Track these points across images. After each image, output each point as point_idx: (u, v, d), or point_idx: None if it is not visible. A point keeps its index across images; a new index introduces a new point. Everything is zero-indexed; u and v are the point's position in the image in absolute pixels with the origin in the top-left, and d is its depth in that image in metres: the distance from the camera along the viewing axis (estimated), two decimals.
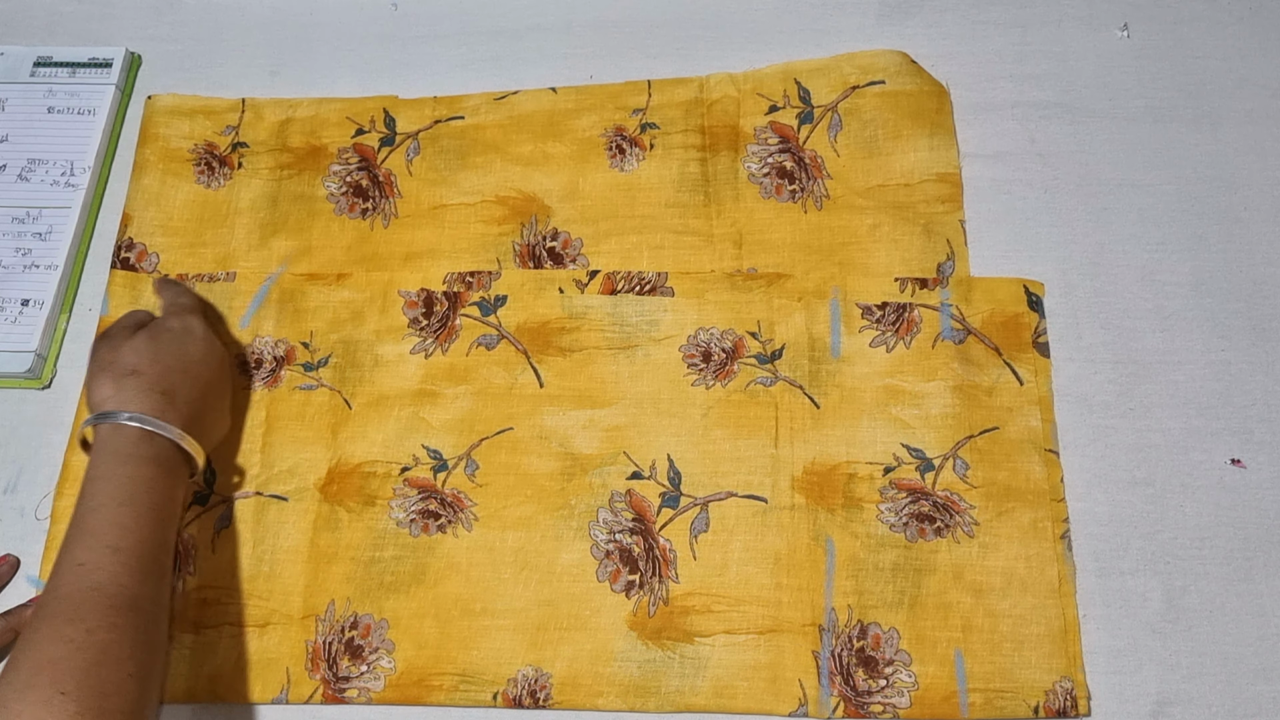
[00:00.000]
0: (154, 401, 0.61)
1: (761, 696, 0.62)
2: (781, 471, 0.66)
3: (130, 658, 0.52)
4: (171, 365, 0.62)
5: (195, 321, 0.66)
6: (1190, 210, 0.73)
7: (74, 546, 0.56)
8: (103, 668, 0.51)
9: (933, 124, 0.75)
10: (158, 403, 0.61)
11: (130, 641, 0.53)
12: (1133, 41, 0.78)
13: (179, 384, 0.62)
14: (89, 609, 0.53)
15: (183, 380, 0.62)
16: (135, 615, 0.54)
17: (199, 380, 0.64)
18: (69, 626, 0.52)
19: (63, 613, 0.53)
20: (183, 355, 0.63)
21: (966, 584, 0.63)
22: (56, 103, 0.80)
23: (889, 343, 0.69)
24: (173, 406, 0.61)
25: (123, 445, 0.59)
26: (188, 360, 0.63)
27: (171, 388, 0.62)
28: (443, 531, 0.66)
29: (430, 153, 0.77)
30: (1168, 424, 0.67)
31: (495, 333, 0.71)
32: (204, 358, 0.65)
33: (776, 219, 0.73)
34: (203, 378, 0.64)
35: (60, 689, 0.49)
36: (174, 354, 0.63)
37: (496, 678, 0.63)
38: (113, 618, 0.53)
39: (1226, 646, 0.62)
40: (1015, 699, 0.61)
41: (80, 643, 0.51)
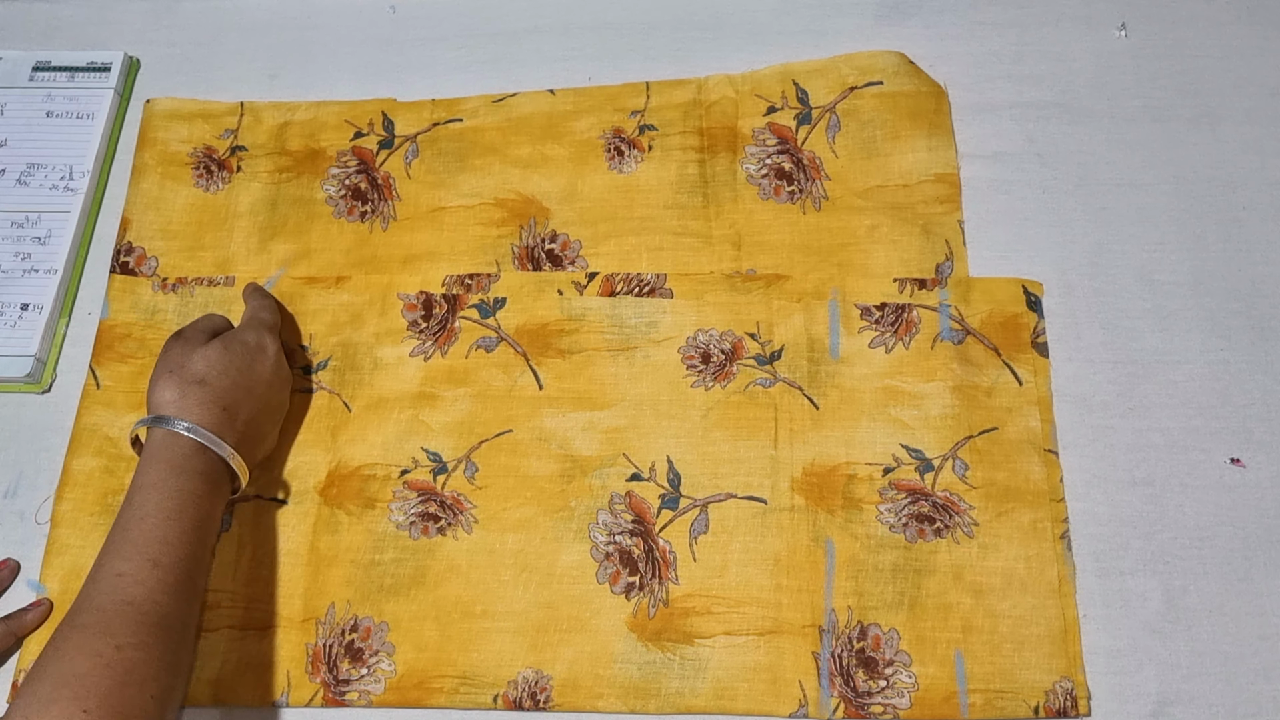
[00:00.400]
0: (214, 415, 0.60)
1: (762, 698, 0.62)
2: (781, 473, 0.66)
3: (155, 679, 0.52)
4: (238, 381, 0.62)
5: (270, 340, 0.66)
6: (1189, 210, 0.73)
7: (115, 555, 0.55)
8: (128, 688, 0.50)
9: (931, 124, 0.75)
10: (218, 417, 0.60)
11: (158, 661, 0.52)
12: (1131, 41, 0.78)
13: (241, 401, 0.62)
14: (121, 624, 0.52)
15: (245, 398, 0.62)
16: (165, 634, 0.54)
17: (260, 400, 0.63)
18: (99, 640, 0.51)
19: (94, 625, 0.52)
20: (250, 373, 0.63)
21: (966, 584, 0.63)
22: (55, 107, 0.80)
23: (888, 343, 0.69)
24: (231, 423, 0.61)
25: (176, 455, 0.59)
26: (254, 379, 0.63)
27: (234, 404, 0.61)
28: (442, 534, 0.66)
29: (429, 155, 0.77)
30: (1167, 424, 0.67)
31: (494, 335, 0.71)
32: (270, 379, 0.64)
33: (775, 220, 0.73)
34: (264, 398, 0.64)
35: (83, 706, 0.49)
36: (242, 370, 0.63)
37: (497, 680, 0.63)
38: (143, 635, 0.52)
39: (1226, 646, 0.62)
40: (1015, 699, 0.61)
41: (109, 659, 0.51)
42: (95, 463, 0.69)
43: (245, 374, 0.63)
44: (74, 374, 0.72)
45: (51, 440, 0.70)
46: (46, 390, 0.72)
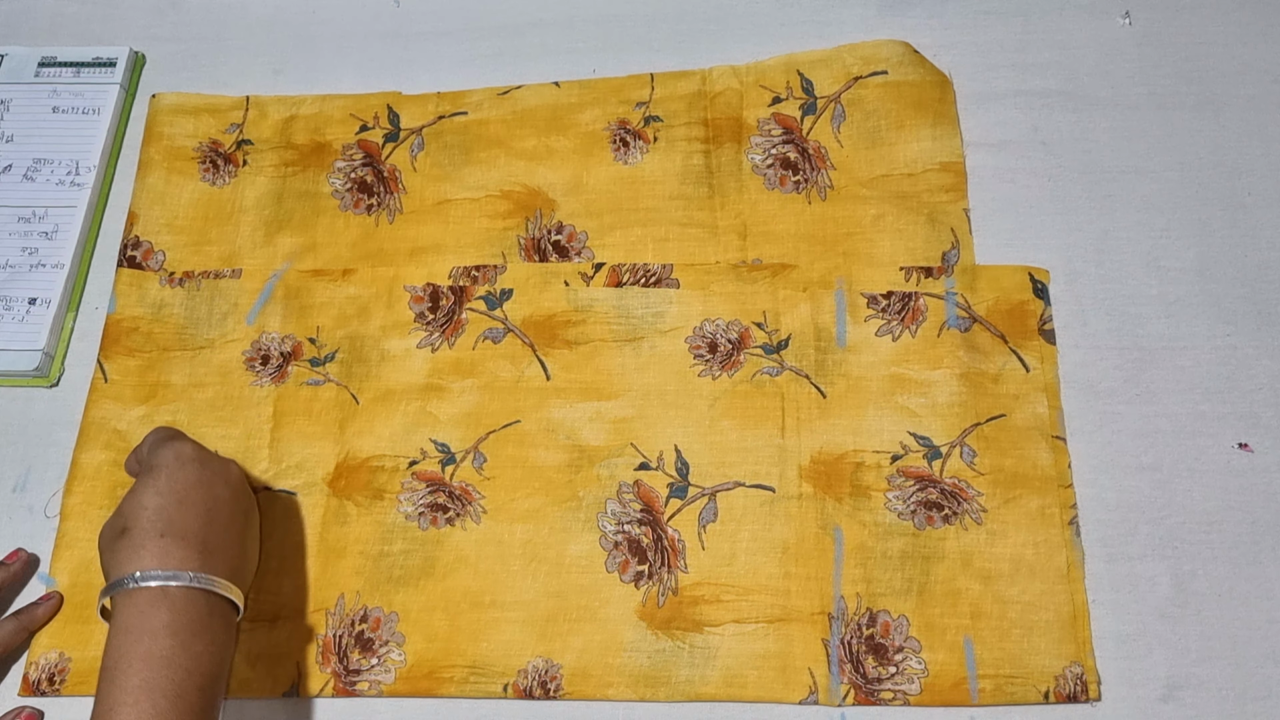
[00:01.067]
0: (153, 553, 0.54)
1: (771, 685, 0.62)
2: (789, 461, 0.66)
3: None
4: (161, 504, 0.56)
5: (167, 453, 0.59)
6: (1194, 196, 0.73)
7: None
8: None
9: (936, 113, 0.75)
10: (158, 551, 0.54)
11: None
12: (1135, 29, 0.78)
13: (183, 519, 0.56)
14: None
15: (184, 513, 0.56)
16: None
17: (196, 507, 0.57)
18: None
19: None
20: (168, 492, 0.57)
21: (975, 571, 0.63)
22: (61, 103, 0.80)
23: (895, 332, 0.69)
24: (179, 547, 0.54)
25: (131, 618, 0.52)
26: (179, 490, 0.57)
27: (172, 527, 0.55)
28: (451, 525, 0.66)
29: (434, 148, 0.77)
30: (1174, 409, 0.67)
31: (501, 326, 0.71)
32: (195, 482, 0.58)
33: (781, 210, 0.73)
34: (203, 502, 0.57)
35: None
36: (160, 493, 0.56)
37: (507, 669, 0.63)
38: None
39: (1236, 630, 0.62)
40: (1025, 685, 0.61)
41: None
42: (104, 456, 0.69)
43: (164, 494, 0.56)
44: (82, 368, 0.72)
45: (60, 434, 0.70)
46: (55, 384, 0.72)
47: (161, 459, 0.58)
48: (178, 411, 0.70)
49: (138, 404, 0.70)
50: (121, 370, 0.71)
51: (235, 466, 0.62)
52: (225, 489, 0.59)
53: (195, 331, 0.72)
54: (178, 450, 0.59)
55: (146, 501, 0.56)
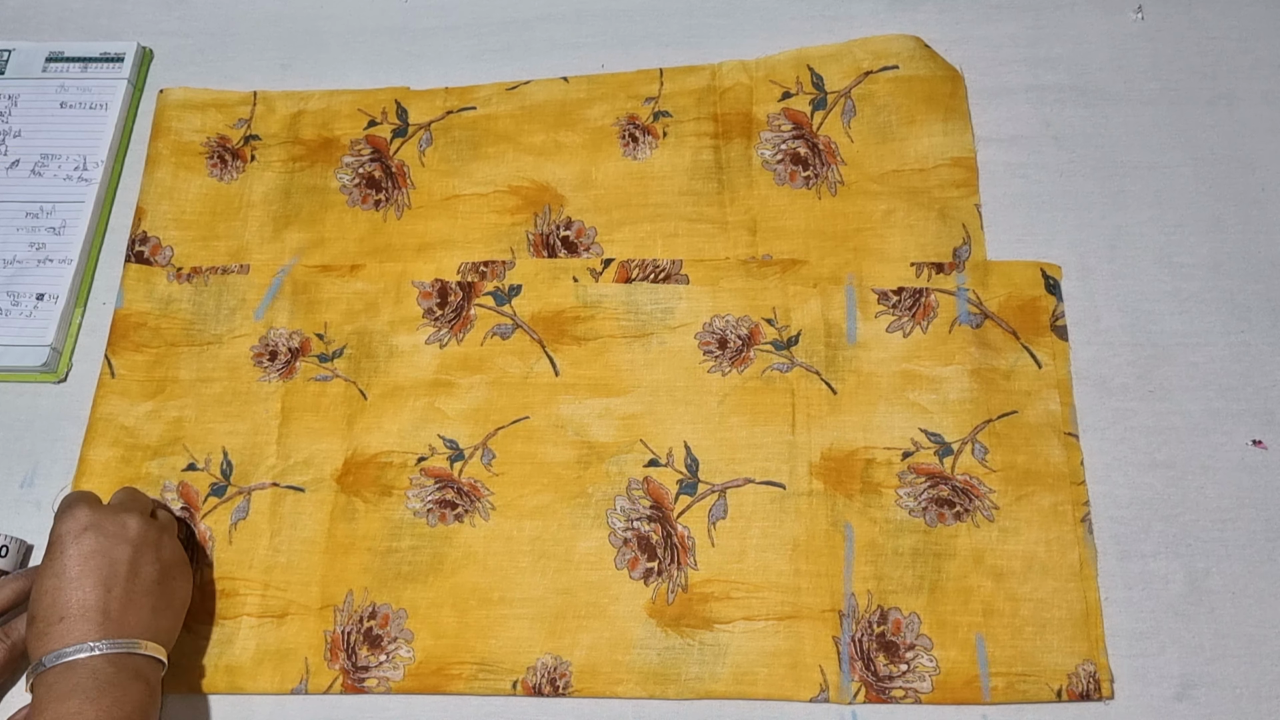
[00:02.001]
0: (57, 634, 0.55)
1: (782, 683, 0.61)
2: (799, 458, 0.66)
3: None
4: (57, 586, 0.57)
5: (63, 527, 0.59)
6: (1208, 192, 0.72)
7: None
8: None
9: (947, 108, 0.74)
10: (61, 632, 0.55)
11: None
12: (1147, 23, 0.78)
13: (79, 597, 0.56)
14: None
15: (82, 589, 0.56)
16: None
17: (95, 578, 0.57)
18: None
19: None
20: (62, 572, 0.57)
21: (987, 568, 0.63)
22: (69, 98, 0.80)
23: (905, 328, 0.69)
24: (80, 624, 0.55)
25: (42, 694, 0.54)
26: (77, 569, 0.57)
27: (70, 608, 0.56)
28: (460, 521, 0.66)
29: (442, 143, 0.77)
30: (1188, 406, 0.67)
31: (510, 322, 0.71)
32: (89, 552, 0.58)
33: (791, 205, 0.73)
34: (99, 571, 0.57)
35: None
36: (57, 574, 0.57)
37: (516, 666, 0.62)
38: None
39: (1250, 628, 0.61)
40: (1038, 683, 0.60)
41: None
42: (111, 452, 0.68)
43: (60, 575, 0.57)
44: (89, 363, 0.72)
45: (67, 430, 0.70)
46: (62, 380, 0.72)
47: (58, 534, 0.59)
48: (185, 407, 0.70)
49: (145, 399, 0.70)
50: (129, 366, 0.71)
51: (133, 519, 0.60)
52: (124, 548, 0.59)
53: (203, 327, 0.72)
54: (73, 521, 0.59)
55: (45, 586, 0.57)
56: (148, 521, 0.61)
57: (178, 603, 0.61)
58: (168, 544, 0.61)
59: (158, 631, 0.58)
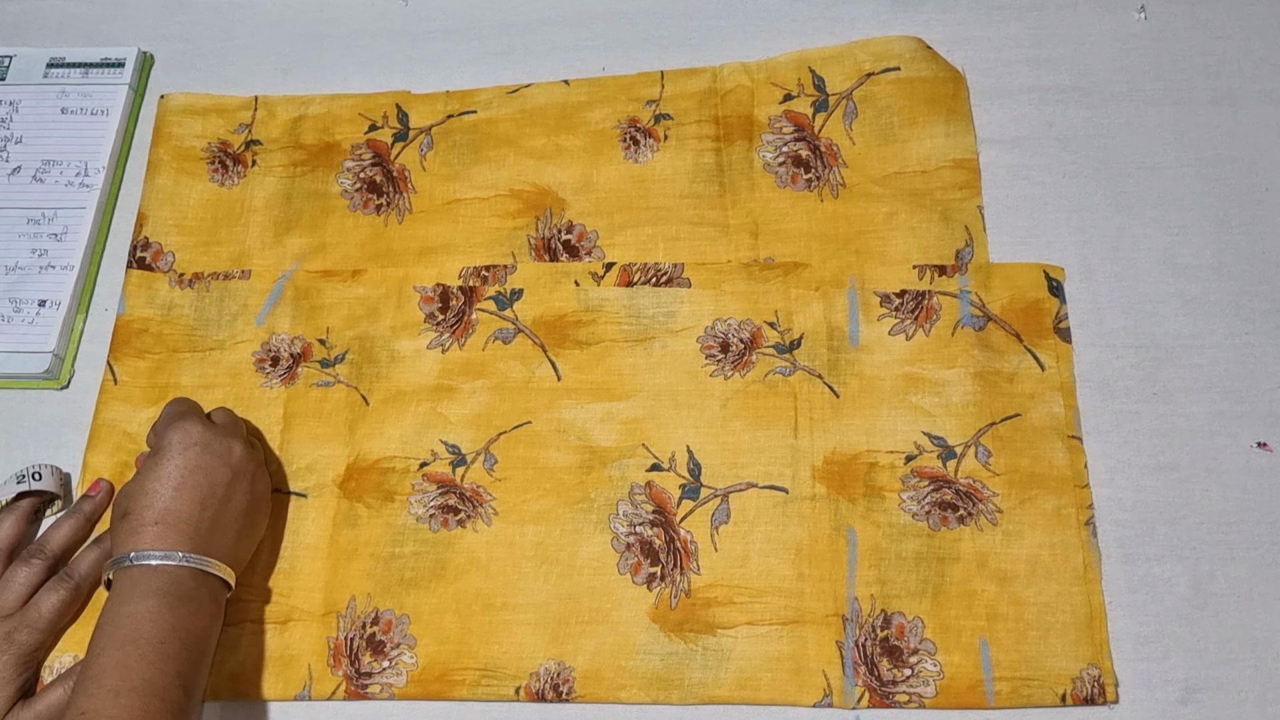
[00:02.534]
0: (148, 536, 0.58)
1: (785, 688, 0.61)
2: (802, 462, 0.66)
3: None
4: (158, 490, 0.59)
5: (173, 436, 0.61)
6: (1211, 193, 0.72)
7: (78, 695, 0.53)
8: None
9: (949, 110, 0.74)
10: (152, 535, 0.58)
11: None
12: (1150, 23, 0.77)
13: (175, 506, 0.59)
14: None
15: (180, 500, 0.59)
16: None
17: (193, 493, 0.60)
18: None
19: None
20: (165, 476, 0.60)
21: (991, 572, 0.63)
22: (70, 103, 0.80)
23: (908, 331, 0.69)
24: (170, 533, 0.58)
25: (124, 587, 0.57)
26: (177, 477, 0.60)
27: (163, 514, 0.59)
28: (462, 526, 0.66)
29: (443, 147, 0.77)
30: (1192, 408, 0.66)
31: (512, 327, 0.71)
32: (195, 466, 0.60)
33: (792, 208, 0.73)
34: (199, 487, 0.60)
35: None
36: (159, 478, 0.60)
37: (519, 672, 0.62)
38: None
39: (1255, 631, 0.61)
40: (1042, 687, 0.60)
41: None
42: (114, 458, 0.68)
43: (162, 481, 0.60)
44: (92, 370, 0.72)
45: (70, 436, 0.70)
46: (65, 386, 0.72)
47: (167, 442, 0.61)
48: None
49: (147, 405, 0.70)
50: (131, 372, 0.71)
51: (239, 446, 0.63)
52: (225, 472, 0.61)
53: (205, 333, 0.72)
54: (183, 434, 0.61)
55: (146, 487, 0.60)
56: (249, 451, 0.64)
57: (256, 535, 0.64)
58: (261, 478, 0.64)
59: (235, 558, 0.61)
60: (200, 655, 0.57)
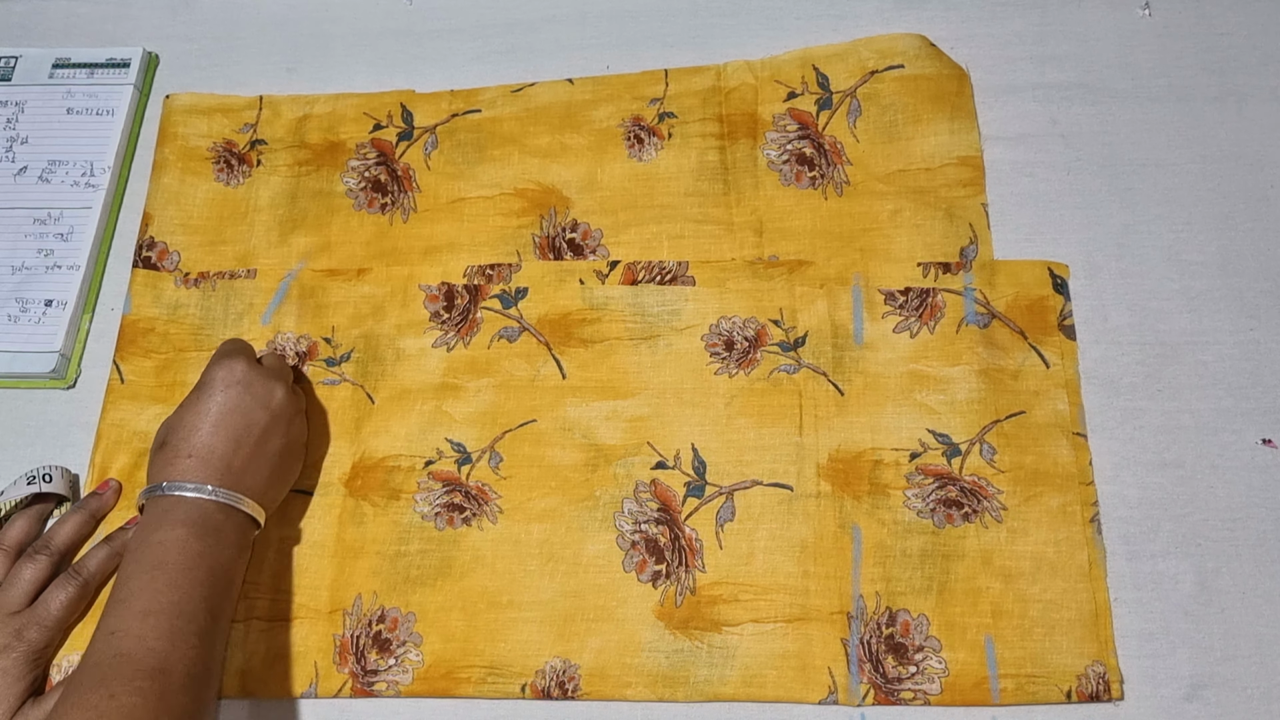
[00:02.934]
0: (181, 468, 0.60)
1: (791, 685, 0.61)
2: (806, 459, 0.66)
3: None
4: (196, 424, 0.61)
5: (217, 373, 0.63)
6: (1216, 189, 0.72)
7: (107, 616, 0.55)
8: None
9: (953, 107, 0.74)
10: (185, 468, 0.60)
11: (156, 705, 0.51)
12: (1155, 20, 0.77)
13: (210, 442, 0.61)
14: (114, 675, 0.52)
15: (216, 437, 0.61)
16: (164, 679, 0.53)
17: (230, 431, 0.61)
18: (93, 693, 0.51)
19: (89, 681, 0.52)
20: (205, 411, 0.61)
21: (996, 569, 0.63)
22: (75, 104, 0.80)
23: (913, 328, 0.69)
24: (203, 467, 0.60)
25: (155, 515, 0.59)
26: (216, 414, 0.61)
27: (198, 449, 0.60)
28: (468, 524, 0.66)
29: (448, 146, 0.77)
30: (1197, 405, 0.66)
31: (517, 325, 0.71)
32: (234, 405, 0.62)
33: (797, 206, 0.73)
34: (236, 426, 0.61)
35: None
36: (198, 413, 0.61)
37: (524, 669, 0.62)
38: (138, 682, 0.52)
39: (1260, 628, 0.61)
40: (1047, 684, 0.60)
41: (103, 709, 0.50)
42: (122, 458, 0.69)
43: (203, 416, 0.61)
44: (98, 369, 0.72)
45: (76, 436, 0.70)
46: (71, 386, 0.72)
47: (211, 377, 0.63)
48: None
49: (154, 404, 0.70)
50: (138, 371, 0.71)
51: (281, 390, 0.64)
52: (264, 414, 0.63)
53: (211, 331, 0.72)
54: (228, 371, 0.63)
55: (185, 420, 0.62)
56: (291, 396, 0.65)
57: (287, 479, 0.65)
58: (298, 424, 0.66)
59: (265, 499, 0.63)
60: (226, 585, 0.59)
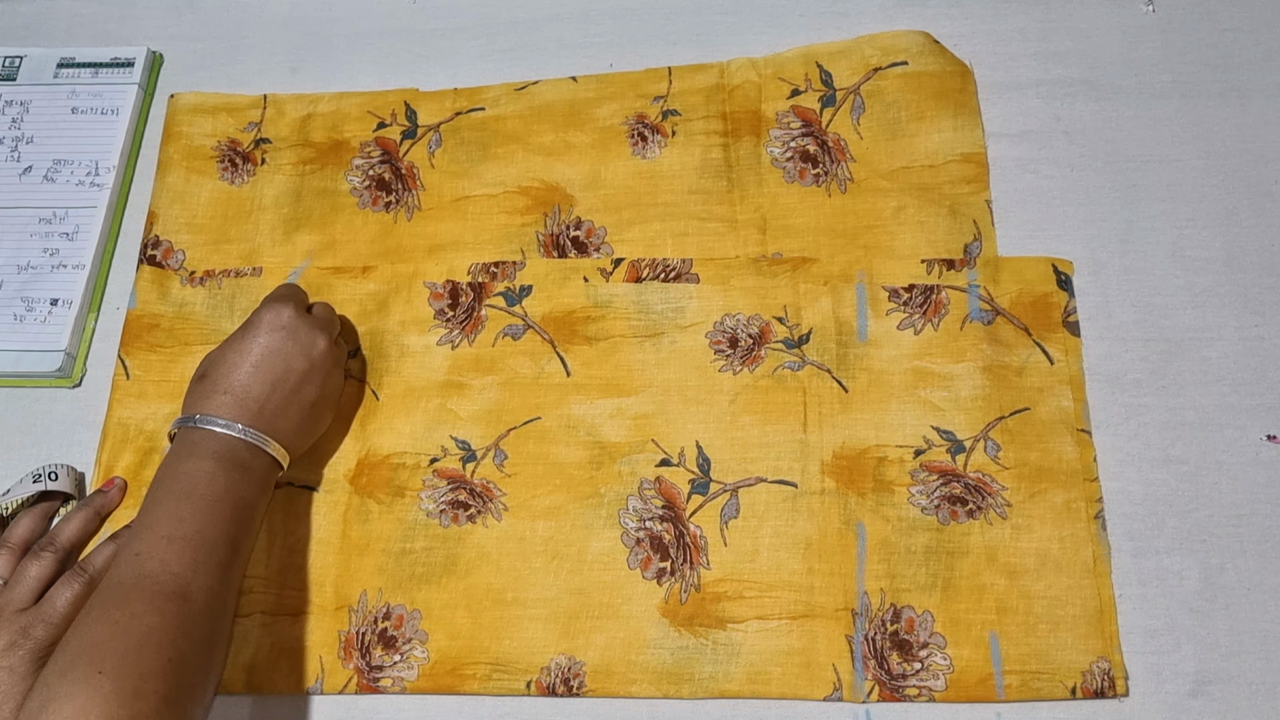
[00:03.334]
0: (217, 403, 0.61)
1: (795, 682, 0.61)
2: (811, 456, 0.66)
3: (173, 644, 0.53)
4: (237, 363, 0.62)
5: (265, 315, 0.64)
6: (1220, 185, 0.72)
7: (132, 538, 0.57)
8: (143, 651, 0.51)
9: (957, 104, 0.74)
10: (221, 403, 0.61)
11: (175, 628, 0.53)
12: (1158, 15, 0.77)
13: (248, 382, 0.62)
14: (136, 595, 0.54)
15: (255, 378, 0.62)
16: (184, 603, 0.54)
17: (269, 374, 0.63)
18: (116, 610, 0.53)
19: (112, 599, 0.54)
20: (248, 351, 0.63)
21: (1000, 566, 0.63)
22: (80, 103, 0.80)
23: (917, 325, 0.69)
24: (238, 406, 0.61)
25: (186, 445, 0.60)
26: (258, 356, 0.63)
27: (236, 387, 0.62)
28: (472, 522, 0.66)
29: (452, 145, 0.77)
30: (1201, 401, 0.66)
31: (521, 323, 0.71)
32: (277, 349, 0.63)
33: (800, 203, 0.73)
34: (275, 370, 0.63)
35: (98, 668, 0.50)
36: (241, 352, 0.63)
37: (530, 666, 0.63)
38: (160, 604, 0.53)
39: (1265, 624, 0.61)
40: (1052, 680, 0.60)
41: (124, 625, 0.52)
42: (128, 456, 0.69)
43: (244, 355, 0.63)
44: (104, 368, 0.72)
45: (82, 435, 0.71)
46: (77, 385, 0.72)
47: (258, 319, 0.64)
48: None
49: (160, 401, 0.70)
50: (143, 366, 0.71)
51: (323, 341, 0.65)
52: (303, 362, 0.64)
53: (218, 328, 0.72)
54: (274, 315, 0.64)
55: (228, 357, 0.63)
56: (333, 349, 0.66)
57: (317, 428, 0.67)
58: (336, 377, 0.67)
59: (293, 445, 0.64)
60: (248, 521, 0.61)
